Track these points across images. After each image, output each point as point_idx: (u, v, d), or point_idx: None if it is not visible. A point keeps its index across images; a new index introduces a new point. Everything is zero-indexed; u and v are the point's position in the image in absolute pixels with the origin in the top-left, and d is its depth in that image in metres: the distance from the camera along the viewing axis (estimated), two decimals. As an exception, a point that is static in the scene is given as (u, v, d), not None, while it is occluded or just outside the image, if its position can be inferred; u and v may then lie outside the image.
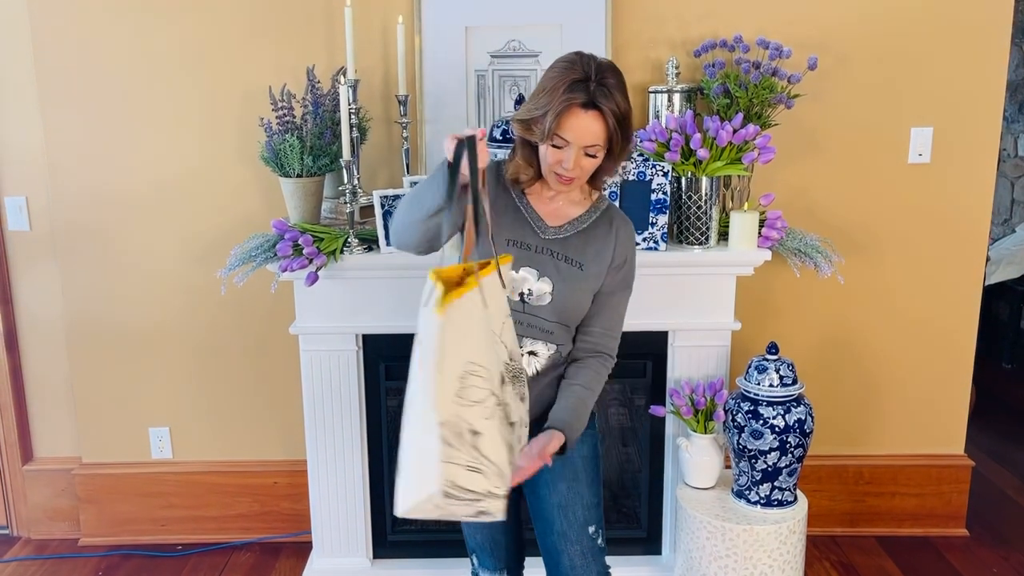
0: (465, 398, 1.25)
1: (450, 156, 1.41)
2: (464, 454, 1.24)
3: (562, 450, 1.61)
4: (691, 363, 2.43)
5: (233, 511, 2.85)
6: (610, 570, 1.80)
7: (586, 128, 1.55)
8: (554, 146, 1.58)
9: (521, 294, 1.65)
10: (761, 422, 2.18)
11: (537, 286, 1.65)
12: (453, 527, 2.63)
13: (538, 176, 1.68)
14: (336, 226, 2.38)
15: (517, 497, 1.86)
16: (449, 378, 1.24)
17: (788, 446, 2.18)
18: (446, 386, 1.23)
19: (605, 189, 1.77)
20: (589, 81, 1.53)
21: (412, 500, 1.24)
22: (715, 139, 2.21)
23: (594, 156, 1.59)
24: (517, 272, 1.65)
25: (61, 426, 2.88)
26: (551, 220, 1.69)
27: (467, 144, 1.38)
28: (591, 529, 1.75)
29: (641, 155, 2.35)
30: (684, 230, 2.34)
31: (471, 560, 1.91)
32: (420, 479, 1.22)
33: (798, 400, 2.22)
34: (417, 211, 1.55)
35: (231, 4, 2.50)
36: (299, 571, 2.66)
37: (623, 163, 1.70)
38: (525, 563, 1.96)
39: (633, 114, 1.63)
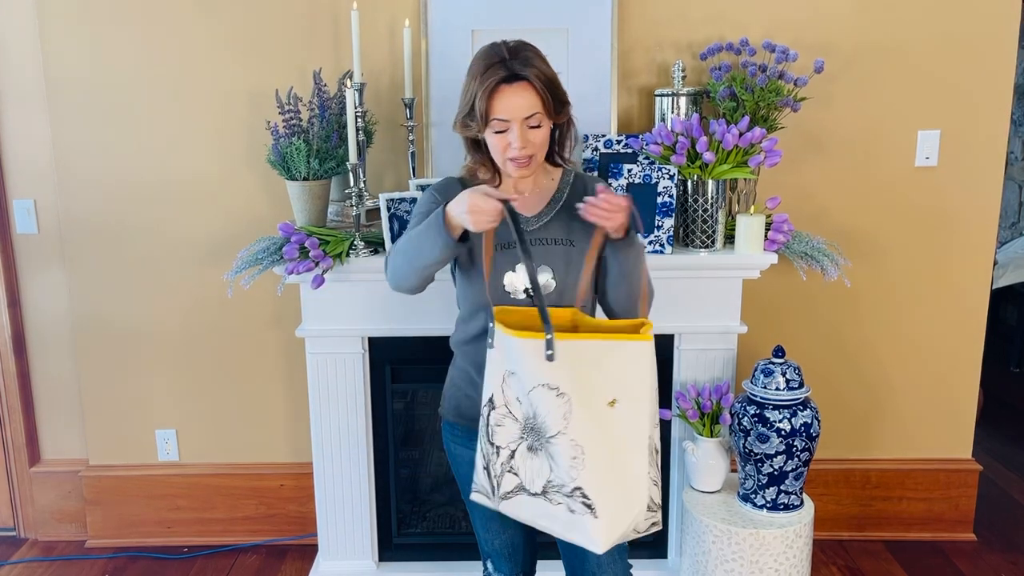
0: (655, 421, 1.49)
1: (474, 223, 1.51)
2: (654, 470, 1.47)
3: (626, 233, 1.59)
4: (697, 366, 2.42)
5: (239, 513, 2.85)
6: (631, 570, 1.80)
7: (518, 100, 1.57)
8: (496, 132, 1.59)
9: (526, 290, 1.65)
10: (767, 426, 2.18)
11: (540, 277, 1.65)
12: (458, 529, 2.64)
13: (497, 171, 1.69)
14: (342, 229, 2.38)
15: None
16: (650, 404, 1.46)
17: (794, 450, 2.18)
18: (651, 410, 1.46)
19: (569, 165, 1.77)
20: (505, 60, 1.57)
21: (619, 528, 1.43)
22: (721, 142, 2.21)
23: (538, 126, 1.60)
24: (515, 271, 1.65)
25: (68, 428, 2.89)
26: (528, 211, 1.70)
27: (507, 209, 1.48)
28: None
29: (647, 158, 2.35)
30: (690, 233, 2.34)
31: (484, 565, 1.89)
32: (627, 503, 1.42)
33: (804, 404, 2.21)
34: (417, 261, 1.62)
35: (238, 7, 2.51)
36: (305, 574, 2.66)
37: (572, 132, 1.71)
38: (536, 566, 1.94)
39: (559, 78, 1.64)
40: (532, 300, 1.65)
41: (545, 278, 1.66)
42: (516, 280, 1.65)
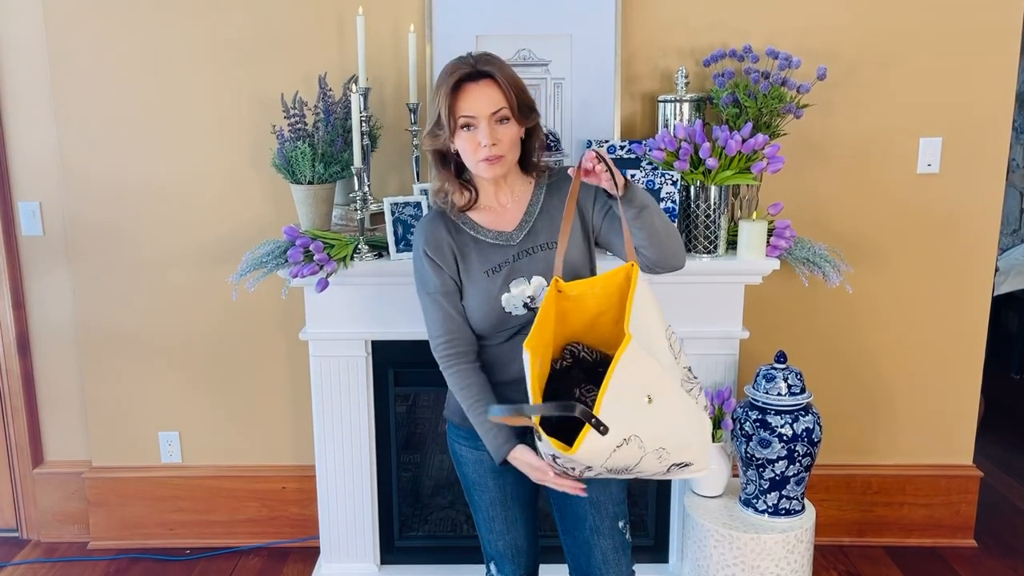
0: (677, 352, 1.58)
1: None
2: (695, 388, 1.58)
3: (624, 191, 1.57)
4: (699, 371, 2.39)
5: (242, 515, 2.86)
6: (634, 566, 1.84)
7: (483, 95, 1.58)
8: (464, 129, 1.60)
9: (525, 304, 1.66)
10: (769, 431, 2.19)
11: (533, 288, 1.66)
12: (460, 532, 2.64)
13: (466, 188, 1.69)
14: (347, 233, 2.39)
15: (535, 504, 1.88)
16: (664, 349, 1.54)
17: (796, 455, 2.19)
18: (669, 354, 1.55)
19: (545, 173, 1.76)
20: (469, 62, 1.60)
21: (707, 449, 1.55)
22: (724, 148, 2.21)
23: (507, 121, 1.60)
24: (510, 290, 1.66)
25: (72, 429, 2.89)
26: (508, 226, 1.70)
27: (593, 423, 1.38)
28: (620, 524, 1.79)
29: (650, 164, 2.36)
30: (693, 239, 2.34)
31: (487, 567, 1.90)
32: (702, 434, 1.54)
33: (806, 409, 2.22)
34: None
35: (244, 11, 2.52)
36: (307, 576, 2.67)
37: (541, 137, 1.71)
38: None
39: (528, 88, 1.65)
40: (533, 312, 1.65)
41: (540, 285, 1.65)
42: (513, 297, 1.66)
